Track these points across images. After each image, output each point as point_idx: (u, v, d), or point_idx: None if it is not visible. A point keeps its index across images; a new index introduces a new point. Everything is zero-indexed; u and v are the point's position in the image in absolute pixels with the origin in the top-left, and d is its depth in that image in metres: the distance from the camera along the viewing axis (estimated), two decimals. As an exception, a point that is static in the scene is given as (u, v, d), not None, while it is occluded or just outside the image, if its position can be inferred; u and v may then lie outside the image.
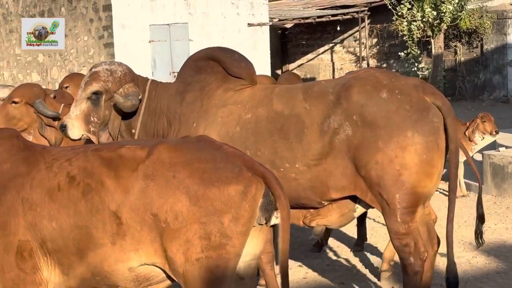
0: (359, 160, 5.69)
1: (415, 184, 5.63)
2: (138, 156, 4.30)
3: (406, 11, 24.79)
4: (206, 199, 4.13)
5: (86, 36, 22.87)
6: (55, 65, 23.52)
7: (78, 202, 4.24)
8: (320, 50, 30.93)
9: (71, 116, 6.22)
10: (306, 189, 5.87)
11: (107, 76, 6.21)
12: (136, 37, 22.78)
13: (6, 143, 4.54)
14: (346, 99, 5.76)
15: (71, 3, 23.08)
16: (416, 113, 5.65)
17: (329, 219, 6.04)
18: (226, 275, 4.20)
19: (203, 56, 6.47)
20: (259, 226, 4.32)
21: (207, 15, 24.70)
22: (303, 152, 5.82)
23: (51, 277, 4.35)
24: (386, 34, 28.44)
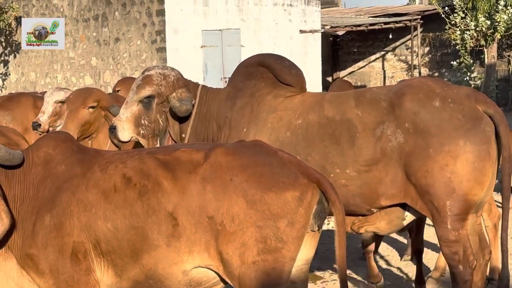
0: (410, 167, 5.69)
1: (466, 191, 5.61)
2: (194, 158, 4.33)
3: (459, 20, 24.63)
4: (263, 203, 4.16)
5: (139, 40, 23.03)
6: (108, 69, 23.71)
7: (134, 203, 4.28)
8: (372, 57, 30.84)
9: (121, 118, 6.19)
10: (356, 196, 5.86)
11: (161, 80, 6.21)
12: (189, 42, 22.88)
13: (61, 146, 4.58)
14: (399, 107, 5.76)
15: (125, 7, 23.26)
16: (469, 122, 5.64)
17: (377, 226, 6.04)
18: (282, 279, 4.21)
19: (253, 62, 6.48)
20: (312, 232, 4.32)
21: (259, 21, 24.73)
22: (354, 158, 5.82)
23: (103, 278, 4.38)
24: (438, 42, 28.27)
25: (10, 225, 4.26)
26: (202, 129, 6.27)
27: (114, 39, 23.61)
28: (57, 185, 4.40)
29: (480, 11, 23.63)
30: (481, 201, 5.82)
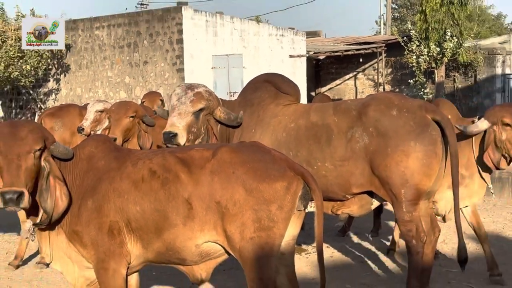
0: (374, 163, 5.72)
1: (416, 182, 5.64)
2: (205, 156, 4.33)
3: (415, 47, 24.56)
4: (258, 191, 4.16)
5: (163, 63, 23.01)
6: (138, 85, 23.66)
7: (158, 191, 4.28)
8: (346, 77, 30.77)
9: (179, 127, 5.95)
10: (333, 185, 5.87)
11: (208, 96, 6.11)
12: (202, 64, 22.86)
13: (101, 146, 4.58)
14: (365, 115, 5.79)
15: (151, 37, 23.24)
16: (419, 127, 5.67)
17: (351, 209, 6.04)
18: (273, 251, 4.21)
19: (260, 79, 6.50)
20: (298, 213, 4.32)
21: (257, 48, 24.74)
22: (331, 155, 5.83)
23: (133, 250, 4.38)
24: (398, 65, 28.22)
25: (68, 205, 4.30)
26: (223, 131, 6.24)
27: (143, 62, 23.58)
28: (98, 176, 4.41)
29: (431, 40, 23.57)
30: (430, 190, 5.83)
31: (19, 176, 4.05)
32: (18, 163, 4.07)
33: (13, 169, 4.05)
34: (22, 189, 4.03)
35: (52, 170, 4.25)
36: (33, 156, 4.15)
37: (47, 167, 4.24)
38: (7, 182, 4.03)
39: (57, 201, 4.24)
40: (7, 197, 3.98)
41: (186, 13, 22.62)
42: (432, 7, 22.84)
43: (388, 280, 6.81)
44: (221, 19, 23.70)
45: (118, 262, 4.35)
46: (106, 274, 4.35)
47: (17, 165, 4.06)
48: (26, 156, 4.11)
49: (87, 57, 25.29)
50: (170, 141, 5.83)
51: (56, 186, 4.24)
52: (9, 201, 3.99)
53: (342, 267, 7.30)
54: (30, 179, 4.12)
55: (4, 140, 4.10)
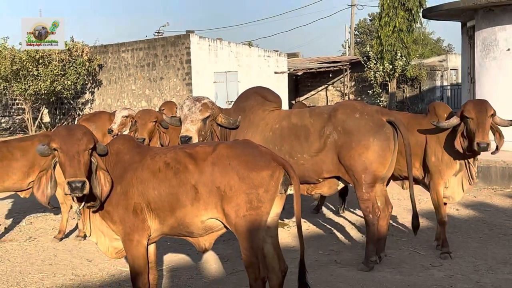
0: (341, 154, 5.74)
1: (374, 169, 5.69)
2: (207, 151, 4.31)
3: (373, 65, 24.63)
4: (249, 178, 4.15)
5: (175, 78, 22.96)
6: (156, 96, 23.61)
7: (171, 178, 4.26)
8: (319, 88, 30.79)
9: (192, 131, 5.88)
10: (309, 171, 5.89)
11: (212, 105, 6.05)
12: (205, 79, 22.84)
13: (127, 143, 4.56)
14: (334, 117, 5.82)
15: (166, 58, 23.19)
16: (376, 127, 5.71)
17: (322, 190, 6.04)
18: (261, 225, 4.22)
19: (250, 91, 6.49)
20: (280, 195, 4.30)
21: (249, 66, 24.71)
22: (308, 148, 5.86)
23: (152, 225, 4.36)
24: (360, 79, 28.26)
25: (110, 190, 4.28)
26: (223, 132, 6.20)
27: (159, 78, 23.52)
28: (124, 167, 4.39)
29: (385, 59, 23.61)
30: (384, 176, 5.86)
31: (80, 169, 4.03)
32: (78, 159, 4.05)
33: (75, 164, 4.03)
34: (84, 179, 4.01)
35: (98, 163, 4.26)
36: (88, 153, 4.15)
37: (95, 161, 4.24)
38: (71, 174, 4.01)
39: (102, 187, 4.23)
40: (74, 185, 3.97)
41: (193, 39, 22.61)
42: (386, 33, 22.90)
43: (352, 247, 6.82)
44: (221, 44, 23.68)
45: (141, 234, 4.34)
46: (131, 244, 4.34)
47: (78, 160, 4.04)
48: (84, 153, 4.10)
49: (115, 74, 25.22)
50: (186, 143, 5.74)
51: (101, 175, 4.24)
52: (75, 188, 3.97)
53: (316, 237, 7.29)
54: (86, 171, 4.11)
55: (65, 140, 4.09)
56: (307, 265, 4.47)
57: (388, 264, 6.05)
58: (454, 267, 5.94)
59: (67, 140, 4.09)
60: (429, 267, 5.97)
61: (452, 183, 6.24)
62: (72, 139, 4.10)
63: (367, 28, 47.19)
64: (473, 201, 9.01)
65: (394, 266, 6.01)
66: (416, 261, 6.18)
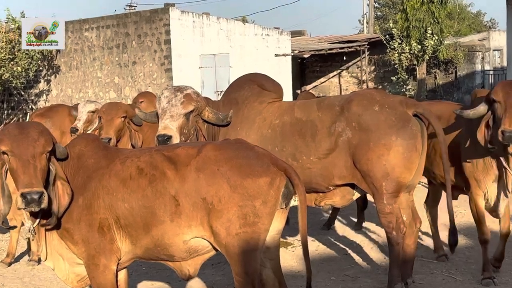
0: (356, 156, 5.76)
1: (397, 175, 5.69)
2: (190, 153, 4.33)
3: (397, 45, 24.68)
4: (242, 187, 4.17)
5: (151, 63, 22.97)
6: (127, 85, 23.61)
7: (145, 188, 4.28)
8: (330, 75, 30.83)
9: (172, 129, 5.87)
10: (317, 176, 5.91)
11: (197, 97, 6.05)
12: (189, 64, 22.83)
13: (91, 145, 4.58)
14: (348, 110, 5.83)
15: (140, 38, 23.18)
16: (400, 122, 5.72)
17: (333, 200, 6.07)
18: (258, 245, 4.23)
19: (243, 78, 6.52)
20: (281, 209, 4.33)
21: (243, 47, 24.71)
22: (316, 149, 5.88)
23: (122, 246, 4.39)
24: (381, 63, 28.31)
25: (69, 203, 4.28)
26: (209, 130, 6.21)
27: (132, 63, 23.53)
28: (87, 174, 4.41)
29: (413, 38, 23.68)
30: (410, 183, 5.88)
31: (37, 176, 4.02)
32: (34, 164, 4.03)
33: (30, 170, 4.01)
34: (42, 189, 4.00)
35: (57, 170, 4.25)
36: (45, 157, 4.14)
37: (53, 168, 4.23)
38: (26, 183, 3.98)
39: (60, 199, 4.24)
40: (29, 197, 3.94)
41: (173, 14, 22.58)
42: (413, 5, 22.96)
43: (372, 271, 6.84)
44: (208, 20, 23.67)
45: (108, 258, 4.36)
46: (97, 269, 4.36)
47: (34, 166, 4.03)
48: (40, 157, 4.09)
49: (77, 58, 25.20)
50: (165, 143, 5.69)
51: (59, 185, 4.24)
52: (32, 201, 3.95)
53: (327, 259, 7.32)
54: (44, 179, 4.10)
55: (17, 142, 4.07)
56: (315, 295, 4.48)
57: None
58: (498, 295, 5.96)
59: (20, 142, 4.09)
60: (467, 295, 6.00)
61: (491, 192, 6.17)
62: (26, 140, 4.10)
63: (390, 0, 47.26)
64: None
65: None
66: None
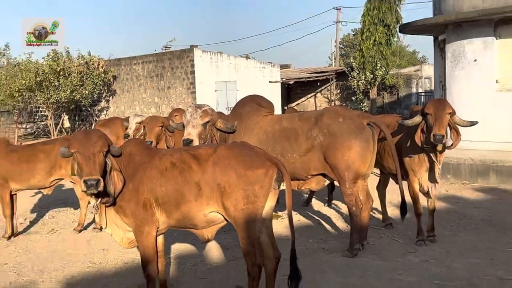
0: (326, 154, 5.72)
1: (356, 168, 5.66)
2: (209, 152, 4.32)
3: (356, 75, 24.64)
4: (246, 176, 4.15)
5: (181, 87, 22.93)
6: (164, 103, 23.58)
7: (177, 177, 4.27)
8: (308, 96, 30.75)
9: (193, 135, 5.83)
10: (299, 169, 5.87)
11: (212, 112, 6.00)
12: (208, 88, 22.80)
13: (138, 146, 4.57)
14: (320, 121, 5.80)
15: (173, 70, 23.16)
16: (357, 129, 5.68)
17: (311, 185, 6.03)
18: (257, 217, 4.22)
19: (245, 99, 6.49)
20: (273, 190, 4.30)
21: (247, 76, 24.68)
22: (298, 148, 5.84)
23: (160, 218, 4.36)
24: (345, 87, 28.28)
25: (123, 187, 4.28)
26: (222, 136, 6.17)
27: (167, 87, 23.49)
28: (135, 167, 4.39)
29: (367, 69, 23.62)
30: (365, 173, 5.85)
31: (96, 168, 4.01)
32: (94, 160, 4.04)
33: (91, 164, 4.01)
34: (98, 177, 3.99)
35: (113, 164, 4.25)
36: (102, 154, 4.13)
37: (109, 162, 4.23)
38: (87, 173, 3.99)
39: (115, 185, 4.23)
40: (89, 183, 3.95)
41: (196, 53, 22.59)
42: (367, 46, 22.92)
43: (338, 236, 6.82)
44: (221, 56, 23.65)
45: (150, 226, 4.34)
46: (142, 235, 4.34)
47: (93, 161, 4.03)
48: (99, 154, 4.09)
49: (128, 84, 25.17)
50: (188, 145, 5.73)
51: (114, 175, 4.23)
52: (91, 186, 3.95)
53: (306, 227, 7.29)
54: (101, 170, 4.10)
55: (82, 143, 4.08)
56: (298, 253, 4.47)
57: (370, 251, 6.05)
58: (428, 252, 5.95)
59: (84, 143, 4.09)
60: (406, 253, 5.98)
61: (424, 179, 6.18)
62: (89, 142, 4.10)
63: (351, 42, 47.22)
64: (445, 194, 9.01)
65: (375, 252, 6.01)
66: (395, 248, 6.19)
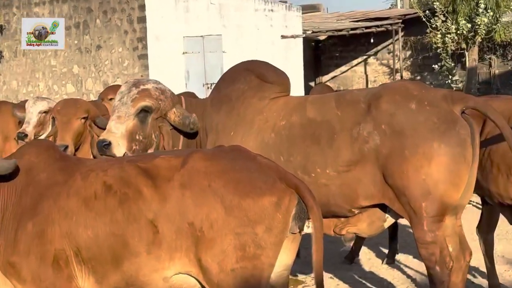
0: (387, 169, 5.73)
1: (441, 193, 5.65)
2: (173, 165, 4.34)
3: (440, 24, 24.67)
4: (240, 209, 4.18)
5: (121, 47, 23.00)
6: (90, 76, 23.64)
7: (114, 210, 4.29)
8: (354, 62, 30.85)
9: (115, 133, 5.92)
10: (336, 196, 5.89)
11: (159, 94, 6.07)
12: (170, 49, 22.82)
13: (44, 154, 4.58)
14: (377, 108, 5.81)
15: (106, 15, 23.23)
16: (443, 124, 5.68)
17: (359, 227, 6.05)
18: (261, 285, 4.24)
19: (238, 68, 6.52)
20: (292, 236, 4.34)
21: (240, 27, 24.72)
22: (334, 158, 5.85)
23: (85, 285, 4.38)
24: (420, 46, 28.32)
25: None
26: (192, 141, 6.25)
27: (95, 47, 23.57)
28: (39, 192, 4.41)
29: (460, 14, 23.68)
30: (458, 203, 5.87)
31: None
32: None
33: None
34: None
35: None
36: None
37: None
38: None
39: None
40: None
41: (149, -16, 22.67)
42: (461, -28, 23.00)
43: (408, 318, 6.85)
44: (195, -10, 23.74)
45: (66, 302, 4.37)
46: (50, 318, 4.36)
47: None
48: None
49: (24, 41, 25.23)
50: (103, 151, 5.81)
51: None
52: None
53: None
54: None
55: None
56: None
57: None
58: None
59: None
60: None
61: None
62: None
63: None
64: None
65: None
66: None
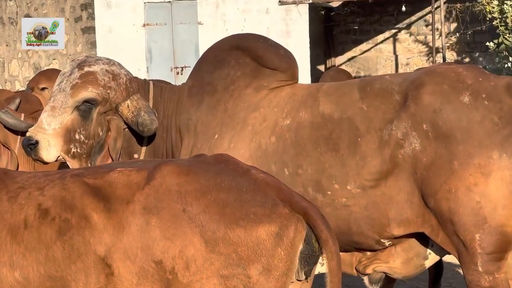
0: (428, 185, 5.77)
1: (502, 222, 5.69)
2: (134, 181, 4.34)
3: (496, -12, 24.86)
4: (227, 243, 4.19)
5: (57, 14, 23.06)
6: (15, 57, 23.72)
7: (52, 244, 4.28)
8: (379, 38, 30.94)
9: (45, 130, 5.98)
10: (360, 221, 5.94)
11: (109, 80, 6.13)
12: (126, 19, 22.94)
13: None
14: (415, 101, 5.82)
15: (37, -28, 23.33)
16: (508, 126, 5.71)
17: (390, 265, 6.07)
18: None
19: (226, 45, 6.52)
20: (298, 282, 4.34)
21: (223, -11, 24.86)
22: (357, 169, 5.90)
23: None
24: (469, 17, 28.45)
25: None
26: (160, 143, 6.30)
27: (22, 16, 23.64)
28: None
29: (523, -26, 23.87)
30: None
31: None
32: None
33: None
34: None
35: None
36: None
37: None
38: None
39: None
40: None
41: None
42: None
43: None
44: None
45: None
46: None
47: None
48: None
49: None
50: (28, 152, 5.96)
51: None
52: None
53: None
54: None
55: None
56: None
57: None
58: None
59: None
60: None
61: None
62: None
63: None
64: None
65: None
66: None
